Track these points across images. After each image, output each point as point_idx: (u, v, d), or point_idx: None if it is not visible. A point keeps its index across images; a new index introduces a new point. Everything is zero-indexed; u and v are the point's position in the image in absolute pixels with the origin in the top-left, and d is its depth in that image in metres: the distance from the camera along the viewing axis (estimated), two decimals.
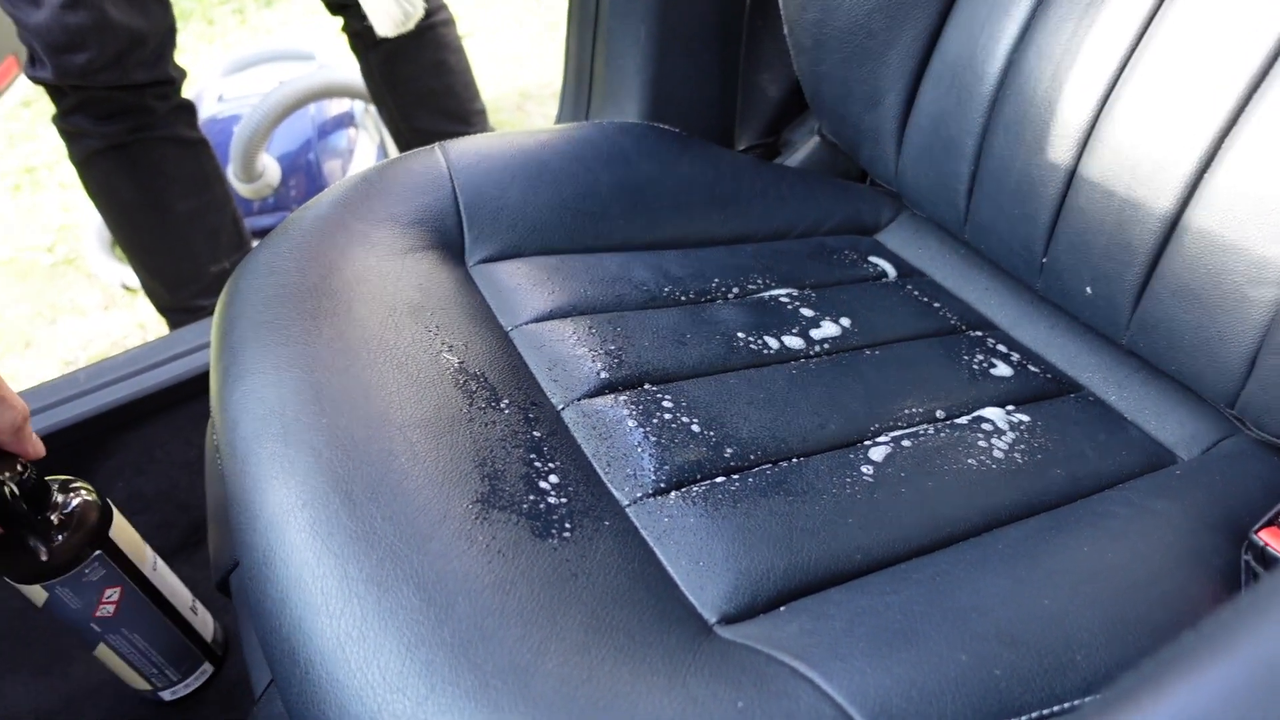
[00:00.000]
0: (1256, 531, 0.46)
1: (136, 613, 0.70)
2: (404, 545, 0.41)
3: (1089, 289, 0.62)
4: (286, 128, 1.65)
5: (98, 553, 0.66)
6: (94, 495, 0.67)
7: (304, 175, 1.66)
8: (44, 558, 0.63)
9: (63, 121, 1.13)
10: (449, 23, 1.41)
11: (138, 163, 1.15)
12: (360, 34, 1.36)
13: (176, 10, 1.13)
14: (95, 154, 1.14)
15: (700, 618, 0.43)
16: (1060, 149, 0.60)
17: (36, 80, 1.07)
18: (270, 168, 1.63)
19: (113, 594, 0.68)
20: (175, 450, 0.94)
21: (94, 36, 1.02)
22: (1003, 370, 0.64)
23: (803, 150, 0.91)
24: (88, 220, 1.77)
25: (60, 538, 0.63)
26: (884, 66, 0.72)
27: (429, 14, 1.36)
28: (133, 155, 1.15)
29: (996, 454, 0.55)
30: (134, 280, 1.63)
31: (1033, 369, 0.65)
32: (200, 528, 0.96)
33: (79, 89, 1.07)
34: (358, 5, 1.31)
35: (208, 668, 0.79)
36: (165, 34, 1.10)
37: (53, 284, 1.73)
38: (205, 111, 1.71)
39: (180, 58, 1.17)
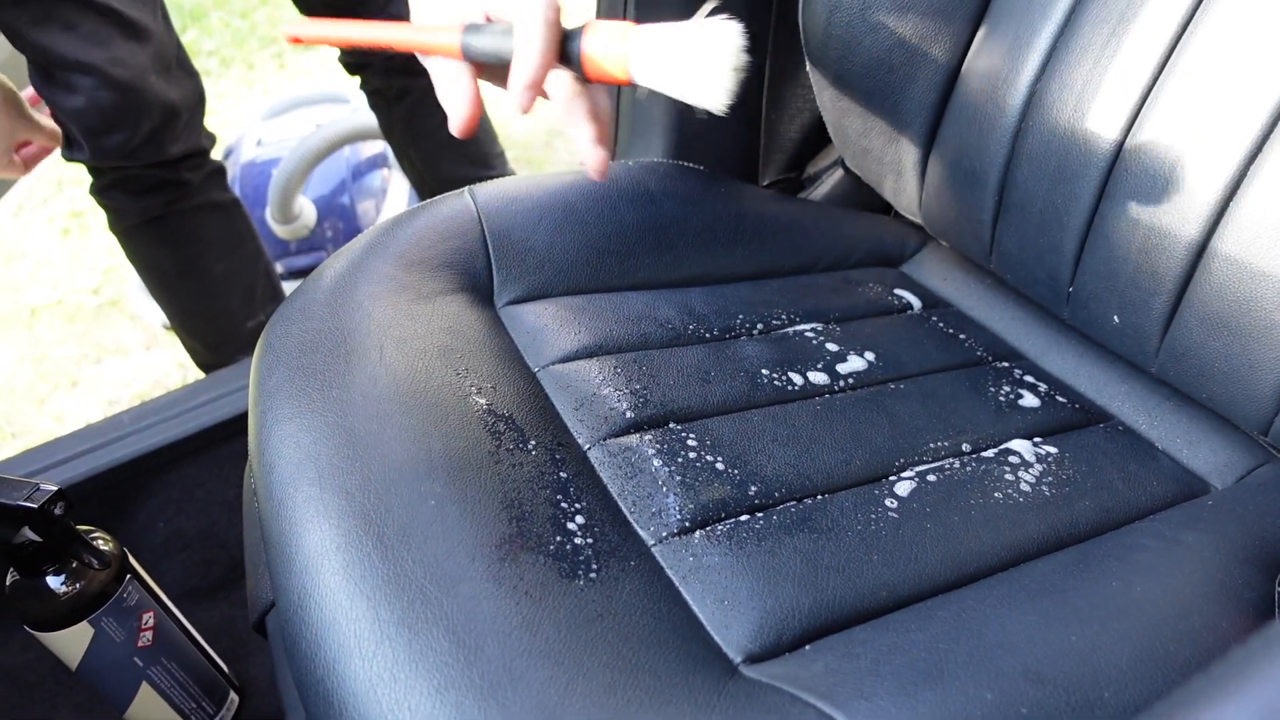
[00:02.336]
0: None
1: (172, 638, 0.72)
2: (434, 587, 0.42)
3: (1116, 318, 0.62)
4: (322, 170, 1.69)
5: (129, 576, 0.68)
6: (108, 536, 0.69)
7: (339, 216, 1.69)
8: (89, 589, 0.65)
9: (99, 196, 1.13)
10: None
11: (175, 233, 1.16)
12: (380, 91, 1.38)
13: (219, 58, 1.16)
14: (133, 227, 1.15)
15: (725, 658, 0.43)
16: (1084, 179, 0.60)
17: (73, 160, 1.07)
18: (306, 209, 1.67)
19: (149, 619, 0.70)
20: (215, 489, 0.96)
21: (130, 116, 1.02)
22: (1030, 401, 0.64)
23: (827, 184, 0.91)
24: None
25: (94, 572, 0.66)
26: (906, 100, 0.72)
27: None
28: (170, 226, 1.15)
29: (1024, 487, 0.55)
30: None
31: (1060, 399, 0.65)
32: (240, 565, 0.98)
33: (116, 168, 1.08)
34: (376, 64, 1.34)
35: (234, 698, 0.81)
36: (197, 104, 1.11)
37: (98, 325, 1.78)
38: (245, 155, 1.76)
39: (222, 103, 1.19)
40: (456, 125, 0.54)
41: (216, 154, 1.79)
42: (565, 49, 0.52)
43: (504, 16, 0.52)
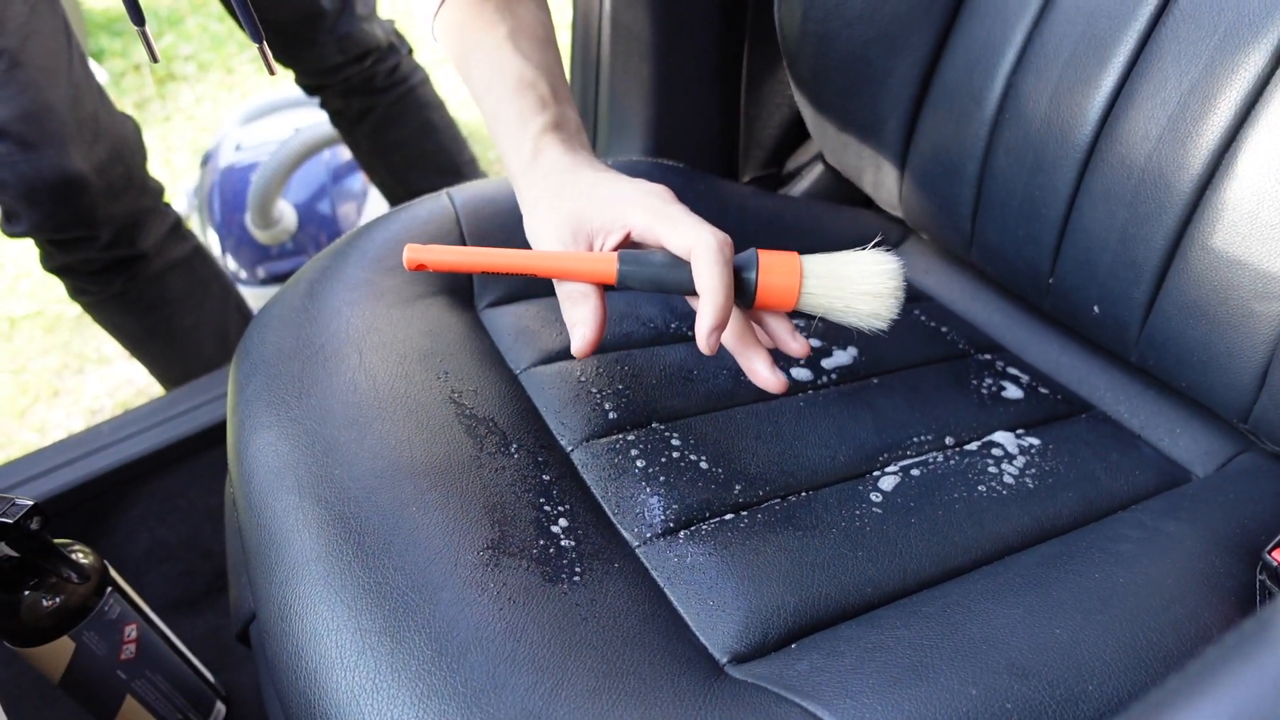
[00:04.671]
0: (1270, 551, 0.46)
1: (155, 649, 0.72)
2: (416, 595, 0.42)
3: (1096, 308, 0.62)
4: (302, 173, 1.68)
5: (110, 588, 0.67)
6: (88, 549, 0.69)
7: (320, 220, 1.68)
8: (70, 603, 0.64)
9: (55, 274, 1.08)
10: (426, 81, 1.40)
11: (138, 303, 1.12)
12: (341, 111, 1.36)
13: (197, 62, 1.12)
14: (93, 304, 1.11)
15: (711, 658, 0.43)
16: (1062, 170, 0.61)
17: (14, 236, 1.00)
18: (287, 214, 1.65)
19: (132, 631, 0.69)
20: (197, 498, 0.95)
21: (55, 180, 0.94)
22: (1013, 393, 0.64)
23: (807, 179, 0.91)
24: None
25: (74, 586, 0.65)
26: (883, 94, 0.72)
27: (405, 77, 1.35)
28: (132, 298, 1.11)
29: (1007, 479, 0.55)
30: None
31: (1043, 390, 0.65)
32: (224, 574, 0.97)
33: (62, 247, 1.02)
34: (335, 85, 1.31)
35: (221, 708, 0.81)
36: (132, 154, 1.03)
37: (79, 334, 1.76)
38: (224, 160, 1.74)
39: (200, 108, 1.16)
40: (580, 347, 0.50)
41: (194, 160, 1.78)
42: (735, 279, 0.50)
43: (665, 244, 0.49)
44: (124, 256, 1.06)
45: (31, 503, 0.60)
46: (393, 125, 1.36)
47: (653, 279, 0.50)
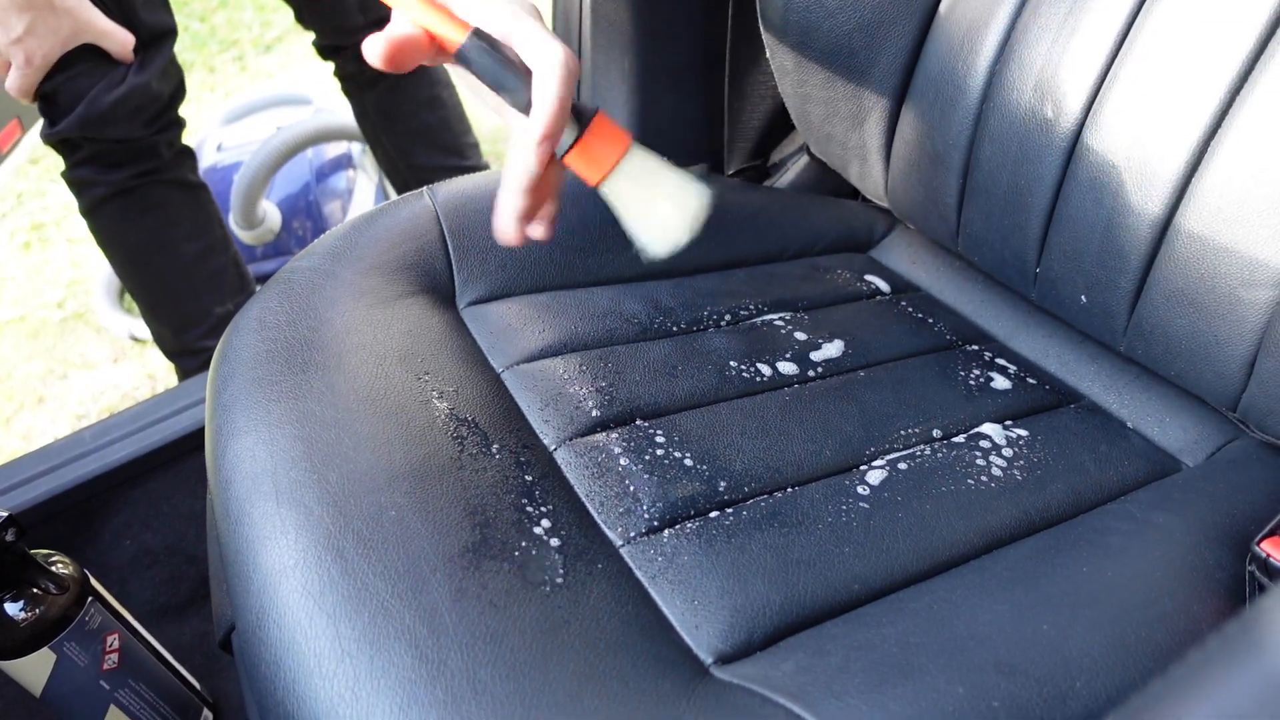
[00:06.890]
0: (1259, 542, 0.45)
1: (138, 658, 0.71)
2: (396, 601, 0.41)
3: (1084, 297, 0.62)
4: (285, 172, 1.66)
5: (91, 598, 0.67)
6: (68, 559, 0.68)
7: (305, 218, 1.67)
8: (49, 615, 0.64)
9: (71, 174, 1.15)
10: None
11: (143, 207, 1.17)
12: (354, 76, 1.38)
13: (180, 61, 1.17)
14: (102, 201, 1.16)
15: (696, 659, 0.43)
16: (1046, 159, 0.60)
17: (54, 136, 1.09)
18: (271, 213, 1.64)
19: (114, 640, 0.69)
20: (181, 504, 0.95)
21: (136, 102, 1.07)
22: (1000, 383, 0.64)
23: (792, 171, 0.91)
24: (96, 274, 1.79)
25: (53, 597, 0.64)
26: (867, 84, 0.72)
27: None
28: (138, 199, 1.16)
29: (995, 472, 0.55)
30: (142, 332, 1.64)
31: (1031, 381, 0.65)
32: (208, 580, 0.96)
33: (93, 141, 1.10)
34: (351, 49, 1.33)
35: (208, 715, 0.80)
36: (178, 89, 1.16)
37: (63, 339, 1.74)
38: (206, 160, 1.73)
39: (184, 107, 1.19)
40: (374, 52, 0.49)
41: None
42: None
43: (517, 50, 0.49)
44: (141, 150, 1.13)
45: (6, 514, 0.59)
46: (403, 95, 1.39)
47: (492, 71, 0.49)
